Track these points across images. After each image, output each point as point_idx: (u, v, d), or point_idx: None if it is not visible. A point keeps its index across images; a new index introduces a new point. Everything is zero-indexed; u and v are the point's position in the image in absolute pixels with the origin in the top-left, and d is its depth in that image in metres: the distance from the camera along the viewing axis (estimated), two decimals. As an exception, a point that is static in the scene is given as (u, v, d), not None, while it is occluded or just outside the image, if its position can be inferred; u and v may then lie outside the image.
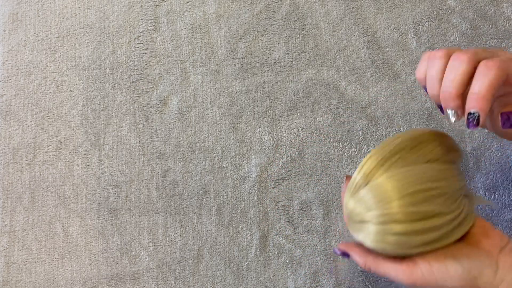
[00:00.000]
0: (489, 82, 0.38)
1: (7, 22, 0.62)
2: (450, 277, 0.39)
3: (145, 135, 0.60)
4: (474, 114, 0.38)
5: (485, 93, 0.38)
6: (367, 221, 0.40)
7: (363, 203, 0.40)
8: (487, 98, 0.38)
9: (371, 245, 0.40)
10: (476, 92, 0.38)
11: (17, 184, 0.58)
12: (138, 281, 0.56)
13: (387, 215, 0.39)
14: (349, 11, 0.62)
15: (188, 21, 0.62)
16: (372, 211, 0.39)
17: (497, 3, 0.62)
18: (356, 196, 0.41)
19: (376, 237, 0.39)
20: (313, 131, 0.60)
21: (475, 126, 0.38)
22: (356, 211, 0.40)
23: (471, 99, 0.38)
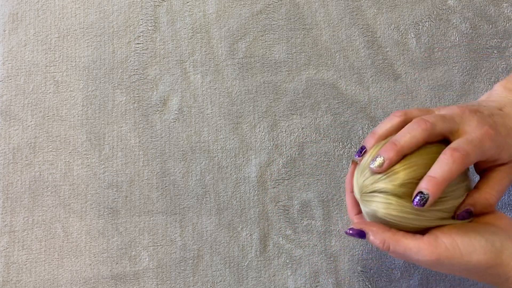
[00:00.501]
0: (448, 172, 0.39)
1: (7, 22, 0.62)
2: (474, 250, 0.39)
3: (145, 135, 0.60)
4: (425, 195, 0.39)
5: (441, 181, 0.39)
6: (377, 190, 0.41)
7: (373, 175, 0.41)
8: (441, 186, 0.39)
9: (384, 212, 0.40)
10: (434, 176, 0.39)
11: (17, 184, 0.59)
12: (138, 281, 0.56)
13: (395, 179, 0.40)
14: (349, 11, 0.62)
15: (188, 21, 0.62)
16: (381, 180, 0.41)
17: (497, 3, 0.62)
18: (366, 171, 0.42)
19: (384, 201, 0.40)
20: (313, 131, 0.60)
21: (421, 206, 0.40)
22: (366, 182, 0.42)
23: (428, 180, 0.40)
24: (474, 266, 0.39)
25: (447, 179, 0.39)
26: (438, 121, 0.42)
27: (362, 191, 0.42)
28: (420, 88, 0.60)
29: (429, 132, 0.41)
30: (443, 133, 0.42)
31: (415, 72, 0.61)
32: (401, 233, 0.41)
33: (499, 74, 0.61)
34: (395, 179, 0.41)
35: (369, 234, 0.42)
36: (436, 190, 0.39)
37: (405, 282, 0.56)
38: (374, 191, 0.41)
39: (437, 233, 0.41)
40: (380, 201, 0.41)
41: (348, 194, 0.47)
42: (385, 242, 0.41)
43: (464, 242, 0.40)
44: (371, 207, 0.41)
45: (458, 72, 0.61)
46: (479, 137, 0.41)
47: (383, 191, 0.41)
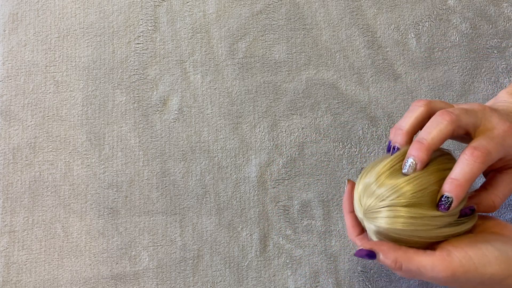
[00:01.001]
0: (470, 172, 0.39)
1: (7, 22, 0.62)
2: (489, 262, 0.38)
3: (145, 135, 0.60)
4: (448, 199, 0.39)
5: (463, 182, 0.39)
6: (381, 207, 0.40)
7: (376, 195, 0.41)
8: (464, 188, 0.39)
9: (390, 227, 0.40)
10: (456, 178, 0.39)
11: (17, 184, 0.58)
12: (138, 281, 0.56)
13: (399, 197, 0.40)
14: (349, 11, 0.62)
15: (188, 21, 0.62)
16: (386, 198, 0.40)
17: (497, 3, 0.62)
18: (369, 190, 0.41)
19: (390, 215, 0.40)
20: (313, 131, 0.60)
21: (446, 210, 0.39)
22: (371, 204, 0.41)
23: (449, 183, 0.39)
24: (489, 278, 0.39)
25: (469, 179, 0.39)
26: (462, 114, 0.41)
27: (366, 213, 0.41)
28: (420, 88, 0.60)
29: (455, 124, 0.40)
30: (467, 127, 0.41)
31: (415, 72, 0.61)
32: (412, 250, 0.40)
33: (499, 74, 0.61)
34: (402, 194, 0.40)
35: (380, 254, 0.40)
36: (460, 192, 0.39)
37: (405, 282, 0.56)
38: (378, 210, 0.40)
39: (448, 247, 0.40)
40: (386, 216, 0.40)
41: (347, 214, 0.45)
42: (397, 261, 0.40)
43: (477, 255, 0.39)
44: (377, 223, 0.40)
45: (458, 72, 0.61)
46: (501, 133, 0.40)
47: (390, 205, 0.40)
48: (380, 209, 0.40)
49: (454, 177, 0.39)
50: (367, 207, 0.41)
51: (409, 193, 0.40)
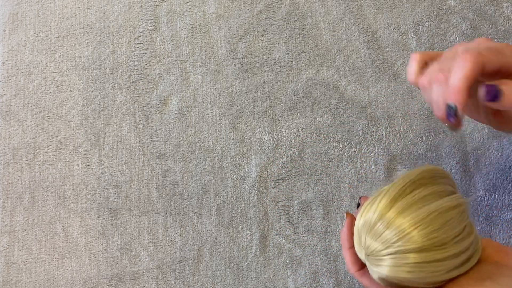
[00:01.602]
0: (463, 74, 0.38)
1: (7, 22, 0.62)
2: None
3: (145, 135, 0.60)
4: (452, 107, 0.38)
5: (460, 86, 0.38)
6: (387, 255, 0.39)
7: (382, 240, 0.40)
8: (462, 90, 0.38)
9: (394, 276, 0.39)
10: (452, 85, 0.38)
11: (17, 184, 0.58)
12: (138, 281, 0.56)
13: (405, 244, 0.39)
14: (349, 11, 0.62)
15: (188, 21, 0.62)
16: (391, 246, 0.39)
17: (497, 3, 0.62)
18: (373, 233, 0.40)
19: (395, 263, 0.39)
20: (313, 131, 0.60)
21: (454, 117, 0.38)
22: (377, 248, 0.40)
23: (448, 92, 0.39)
24: None
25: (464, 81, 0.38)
26: (488, 53, 0.39)
27: (369, 255, 0.40)
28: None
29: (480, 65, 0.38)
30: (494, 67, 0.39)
31: (415, 72, 0.61)
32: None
33: (499, 74, 0.61)
34: (412, 241, 0.39)
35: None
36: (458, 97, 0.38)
37: (405, 282, 0.56)
38: (382, 257, 0.39)
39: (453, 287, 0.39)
40: (391, 265, 0.39)
41: (346, 250, 0.44)
42: None
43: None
44: (380, 270, 0.40)
45: (458, 72, 0.61)
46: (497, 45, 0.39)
47: (396, 252, 0.39)
48: (385, 257, 0.39)
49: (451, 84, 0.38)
50: (371, 251, 0.40)
51: (417, 238, 0.39)
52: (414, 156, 0.58)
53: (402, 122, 0.59)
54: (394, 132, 0.59)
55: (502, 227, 0.57)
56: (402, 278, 0.39)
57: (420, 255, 0.38)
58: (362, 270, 0.44)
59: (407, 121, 0.59)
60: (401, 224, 0.39)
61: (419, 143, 0.59)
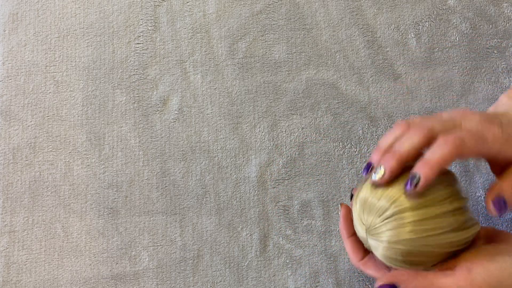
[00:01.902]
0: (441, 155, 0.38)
1: (7, 22, 0.62)
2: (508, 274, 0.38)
3: (145, 135, 0.60)
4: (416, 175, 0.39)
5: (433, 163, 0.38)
6: (385, 219, 0.40)
7: (377, 209, 0.40)
8: (434, 168, 0.38)
9: (397, 239, 0.39)
10: (426, 159, 0.39)
11: (17, 184, 0.58)
12: (138, 281, 0.56)
13: (398, 205, 0.40)
14: (349, 11, 0.62)
15: (188, 21, 0.62)
16: (387, 210, 0.40)
17: (497, 3, 0.62)
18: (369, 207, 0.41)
19: (395, 226, 0.39)
20: (313, 131, 0.60)
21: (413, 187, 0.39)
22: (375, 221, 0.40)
23: (420, 163, 0.39)
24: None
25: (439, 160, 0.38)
26: (436, 123, 0.41)
27: (370, 229, 0.41)
28: (420, 88, 0.60)
29: (426, 136, 0.40)
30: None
31: (415, 72, 0.61)
32: (431, 274, 0.39)
33: (499, 74, 0.61)
34: (405, 202, 0.40)
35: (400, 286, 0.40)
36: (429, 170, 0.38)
37: (405, 282, 0.56)
38: (384, 220, 0.40)
39: (466, 264, 0.39)
40: (391, 228, 0.39)
41: (346, 240, 0.44)
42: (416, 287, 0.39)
43: (498, 268, 0.38)
44: (383, 238, 0.40)
45: (458, 72, 0.61)
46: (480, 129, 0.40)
47: (393, 214, 0.39)
48: (384, 222, 0.40)
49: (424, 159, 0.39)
50: (370, 224, 0.41)
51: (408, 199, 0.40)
52: (414, 156, 0.58)
53: (402, 122, 0.59)
54: (394, 132, 0.59)
55: (502, 227, 0.57)
56: (406, 242, 0.39)
57: (417, 212, 0.39)
58: (365, 258, 0.44)
59: (407, 121, 0.59)
60: (390, 191, 0.40)
61: (419, 143, 0.59)
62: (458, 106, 0.60)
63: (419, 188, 0.39)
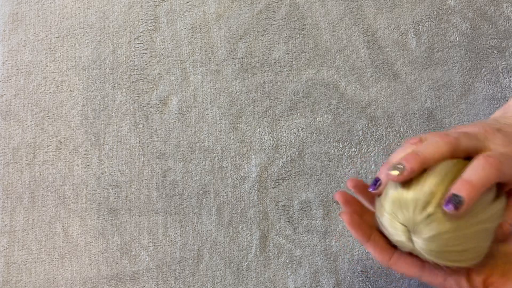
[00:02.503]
0: (485, 176, 0.36)
1: (7, 22, 0.62)
2: None
3: (145, 135, 0.60)
4: (459, 198, 0.36)
5: (477, 185, 0.36)
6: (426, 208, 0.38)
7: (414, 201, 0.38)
8: (477, 189, 0.36)
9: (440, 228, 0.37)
10: (469, 180, 0.36)
11: (17, 184, 0.58)
12: (138, 281, 0.56)
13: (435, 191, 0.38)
14: (349, 11, 0.62)
15: (188, 21, 0.62)
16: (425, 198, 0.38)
17: (497, 3, 0.62)
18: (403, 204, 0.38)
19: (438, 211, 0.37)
20: (313, 131, 0.60)
21: (455, 209, 0.36)
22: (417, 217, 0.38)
23: (462, 183, 0.36)
24: None
25: (483, 183, 0.36)
26: (462, 137, 0.39)
27: (413, 225, 0.38)
28: (420, 88, 0.60)
29: (453, 146, 0.38)
30: (468, 150, 0.39)
31: (415, 72, 0.61)
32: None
33: (499, 74, 0.61)
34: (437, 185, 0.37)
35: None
36: (472, 193, 0.36)
37: (405, 282, 0.56)
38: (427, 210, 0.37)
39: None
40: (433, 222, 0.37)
41: (366, 244, 0.41)
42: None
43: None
44: (431, 227, 0.37)
45: (458, 72, 0.61)
46: (508, 152, 0.38)
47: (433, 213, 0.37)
48: (427, 210, 0.37)
49: (467, 178, 0.36)
50: (412, 219, 0.38)
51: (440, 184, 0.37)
52: (414, 156, 0.58)
53: (402, 122, 0.59)
54: (394, 132, 0.59)
55: (502, 227, 0.57)
56: (455, 228, 0.37)
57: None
58: (393, 257, 0.41)
59: (407, 121, 0.59)
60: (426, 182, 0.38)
61: (419, 143, 0.59)
62: (458, 106, 0.60)
63: (461, 210, 0.36)
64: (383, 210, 0.40)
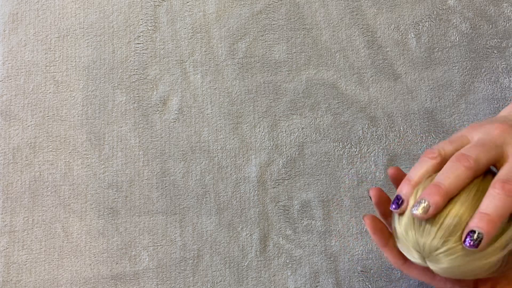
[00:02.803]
0: (502, 207, 0.35)
1: (7, 22, 0.62)
2: None
3: (145, 135, 0.60)
4: (479, 235, 0.35)
5: (495, 218, 0.35)
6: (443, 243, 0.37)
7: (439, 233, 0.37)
8: (496, 223, 0.35)
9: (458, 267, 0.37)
10: (486, 213, 0.35)
11: (17, 184, 0.58)
12: (138, 281, 0.56)
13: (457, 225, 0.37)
14: (349, 11, 0.62)
15: (188, 21, 0.62)
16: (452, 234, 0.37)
17: (497, 3, 0.62)
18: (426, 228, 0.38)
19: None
20: (313, 131, 0.60)
21: (475, 246, 0.35)
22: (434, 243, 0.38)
23: (480, 217, 0.35)
24: None
25: (501, 215, 0.35)
26: (480, 153, 0.37)
27: (430, 252, 0.38)
28: (420, 88, 0.60)
29: (474, 171, 0.37)
30: (488, 164, 0.38)
31: (415, 72, 0.61)
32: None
33: (499, 74, 0.61)
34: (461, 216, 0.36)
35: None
36: (491, 229, 0.35)
37: (405, 282, 0.56)
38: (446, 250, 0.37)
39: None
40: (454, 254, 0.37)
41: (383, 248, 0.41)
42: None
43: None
44: (442, 265, 0.37)
45: (458, 72, 0.61)
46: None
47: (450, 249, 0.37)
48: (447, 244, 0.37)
49: (484, 211, 0.35)
50: (429, 245, 0.38)
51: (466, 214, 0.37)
52: (414, 156, 0.58)
53: (402, 122, 0.59)
54: (394, 132, 0.59)
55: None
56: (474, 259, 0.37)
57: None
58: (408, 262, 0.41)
59: (407, 121, 0.59)
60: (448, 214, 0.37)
61: (419, 143, 0.59)
62: (458, 106, 0.60)
63: (481, 246, 0.35)
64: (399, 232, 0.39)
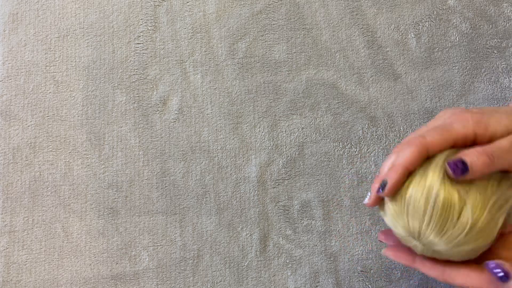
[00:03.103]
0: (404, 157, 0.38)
1: (7, 22, 0.62)
2: None
3: (145, 135, 0.60)
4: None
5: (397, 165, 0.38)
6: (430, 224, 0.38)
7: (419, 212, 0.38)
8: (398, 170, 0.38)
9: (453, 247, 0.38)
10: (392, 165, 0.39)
11: (17, 184, 0.58)
12: (138, 281, 0.56)
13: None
14: (349, 11, 0.62)
15: (188, 21, 0.62)
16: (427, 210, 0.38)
17: (497, 3, 0.62)
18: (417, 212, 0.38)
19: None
20: (313, 131, 0.60)
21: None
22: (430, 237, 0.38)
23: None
24: None
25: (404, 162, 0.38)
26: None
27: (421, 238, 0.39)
28: (420, 88, 0.60)
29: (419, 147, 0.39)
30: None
31: (415, 72, 0.61)
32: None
33: (499, 74, 0.61)
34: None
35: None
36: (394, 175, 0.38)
37: (405, 282, 0.56)
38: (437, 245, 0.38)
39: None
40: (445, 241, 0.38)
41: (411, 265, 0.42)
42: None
43: None
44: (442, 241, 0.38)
45: (458, 72, 0.61)
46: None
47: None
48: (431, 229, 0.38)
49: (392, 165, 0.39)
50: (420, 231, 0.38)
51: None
52: (414, 156, 0.58)
53: (402, 122, 0.59)
54: (394, 132, 0.59)
55: (502, 227, 0.57)
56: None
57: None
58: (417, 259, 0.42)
59: (407, 121, 0.59)
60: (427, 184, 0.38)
61: (419, 143, 0.59)
62: (458, 106, 0.60)
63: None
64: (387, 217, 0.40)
